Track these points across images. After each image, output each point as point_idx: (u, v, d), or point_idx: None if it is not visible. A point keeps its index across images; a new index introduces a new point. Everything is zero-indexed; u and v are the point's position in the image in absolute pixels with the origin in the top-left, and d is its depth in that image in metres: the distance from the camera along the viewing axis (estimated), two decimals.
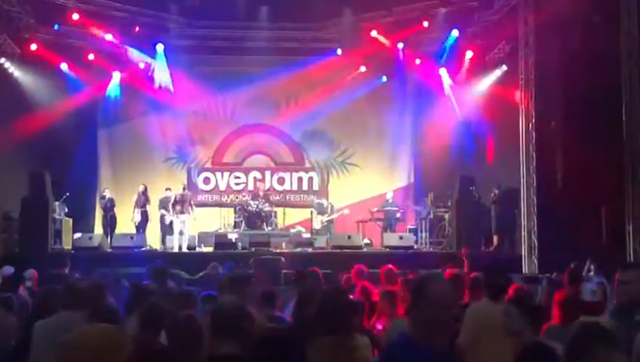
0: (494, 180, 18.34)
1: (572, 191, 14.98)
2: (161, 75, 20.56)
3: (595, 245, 13.55)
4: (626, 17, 12.79)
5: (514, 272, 12.93)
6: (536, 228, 16.07)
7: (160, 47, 20.01)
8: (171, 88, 20.73)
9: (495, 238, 17.93)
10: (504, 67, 18.63)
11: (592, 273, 11.20)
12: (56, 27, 18.75)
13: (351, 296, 6.92)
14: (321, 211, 19.60)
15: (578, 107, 14.54)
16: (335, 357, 4.30)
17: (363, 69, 21.14)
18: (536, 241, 16.03)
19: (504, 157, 18.16)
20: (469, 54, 19.51)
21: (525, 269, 15.80)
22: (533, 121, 16.26)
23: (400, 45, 20.14)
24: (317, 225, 19.55)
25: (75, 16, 18.22)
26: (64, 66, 19.57)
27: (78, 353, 2.52)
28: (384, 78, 21.24)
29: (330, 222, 19.49)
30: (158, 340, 5.00)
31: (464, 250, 16.04)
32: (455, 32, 19.03)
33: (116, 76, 20.56)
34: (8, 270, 11.06)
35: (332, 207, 19.82)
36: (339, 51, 20.63)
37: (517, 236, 17.06)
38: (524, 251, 16.27)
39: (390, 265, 9.33)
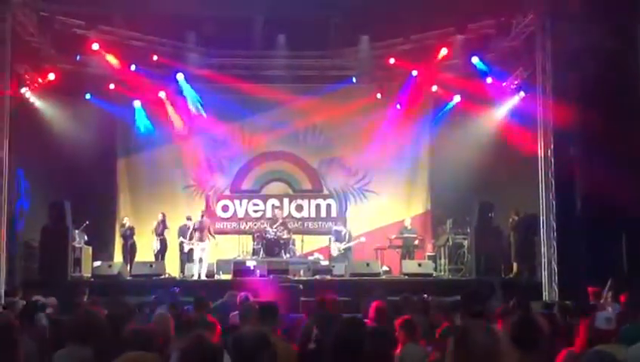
0: (512, 206, 18.29)
1: (592, 217, 14.88)
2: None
3: (616, 271, 13.42)
4: None
5: (534, 299, 12.81)
6: (556, 254, 15.94)
7: (180, 76, 20.20)
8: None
9: (515, 265, 17.82)
10: (522, 93, 18.61)
11: (609, 300, 11.11)
12: (77, 58, 18.96)
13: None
14: (339, 239, 19.56)
15: (597, 133, 14.48)
16: None
17: (379, 96, 21.19)
18: (556, 268, 15.89)
19: (522, 183, 18.07)
20: (488, 80, 19.47)
21: (545, 296, 15.66)
22: (552, 147, 16.20)
23: (414, 72, 20.21)
24: (334, 252, 19.51)
25: (95, 47, 18.41)
26: (84, 96, 19.76)
27: None
28: (398, 106, 21.26)
29: (347, 249, 19.44)
30: None
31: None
32: (475, 59, 19.01)
33: (137, 105, 20.75)
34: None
35: (349, 234, 19.78)
36: (354, 79, 20.73)
37: (537, 262, 16.92)
38: (544, 278, 16.13)
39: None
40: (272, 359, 4.02)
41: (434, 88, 20.80)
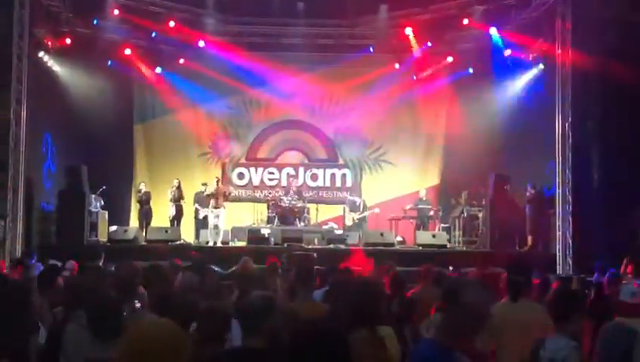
0: (527, 179, 18.20)
1: (608, 191, 14.81)
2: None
3: (631, 246, 13.39)
4: None
5: (549, 272, 12.80)
6: (571, 228, 15.90)
7: (202, 43, 20.20)
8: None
9: (530, 238, 17.78)
10: (541, 65, 18.43)
11: (629, 275, 11.07)
12: (95, 22, 18.93)
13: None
14: (354, 209, 19.59)
15: (615, 106, 14.37)
16: (366, 348, 4.24)
17: (397, 66, 21.07)
18: (570, 242, 15.86)
19: (538, 156, 17.98)
20: (506, 52, 19.33)
21: (560, 270, 15.65)
22: (570, 120, 16.08)
23: (429, 43, 20.11)
24: (349, 222, 19.55)
25: (116, 12, 18.45)
26: (101, 61, 19.74)
27: (145, 346, 2.48)
28: (415, 77, 21.17)
29: (361, 220, 19.47)
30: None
31: None
32: (493, 30, 18.84)
33: (158, 70, 20.86)
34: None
35: (364, 204, 19.79)
36: (371, 49, 20.58)
37: (552, 236, 16.87)
38: (558, 251, 16.10)
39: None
40: (280, 321, 4.04)
41: (449, 59, 20.62)
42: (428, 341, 3.43)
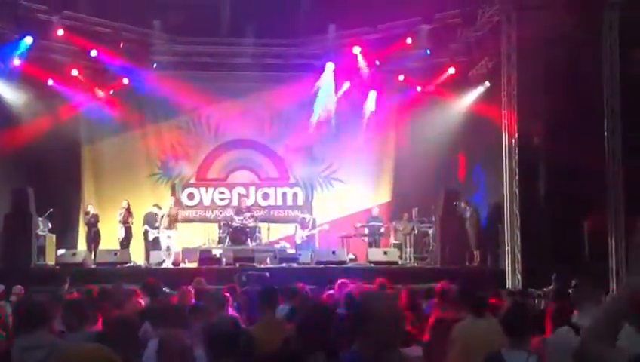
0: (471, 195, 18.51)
1: (555, 206, 15.09)
2: None
3: (578, 259, 13.66)
4: (607, 34, 12.96)
5: (498, 287, 12.97)
6: (519, 242, 16.10)
7: (149, 64, 20.14)
8: None
9: (476, 253, 17.97)
10: (487, 84, 18.74)
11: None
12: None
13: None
14: (304, 226, 19.62)
15: (561, 123, 14.68)
16: None
17: (347, 84, 21.18)
18: (519, 256, 16.06)
19: (487, 172, 18.26)
20: (450, 71, 19.65)
21: (509, 284, 15.84)
22: (516, 137, 16.34)
23: (377, 62, 20.33)
24: (299, 240, 19.56)
25: (60, 32, 18.21)
26: (48, 82, 19.44)
27: None
28: (373, 93, 21.29)
29: (310, 237, 19.49)
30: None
31: None
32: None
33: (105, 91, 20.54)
34: None
35: (314, 221, 19.82)
36: (331, 65, 20.58)
37: (500, 251, 17.09)
38: (507, 266, 16.30)
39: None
40: (249, 343, 4.04)
41: (400, 77, 20.82)
42: (352, 353, 3.49)
